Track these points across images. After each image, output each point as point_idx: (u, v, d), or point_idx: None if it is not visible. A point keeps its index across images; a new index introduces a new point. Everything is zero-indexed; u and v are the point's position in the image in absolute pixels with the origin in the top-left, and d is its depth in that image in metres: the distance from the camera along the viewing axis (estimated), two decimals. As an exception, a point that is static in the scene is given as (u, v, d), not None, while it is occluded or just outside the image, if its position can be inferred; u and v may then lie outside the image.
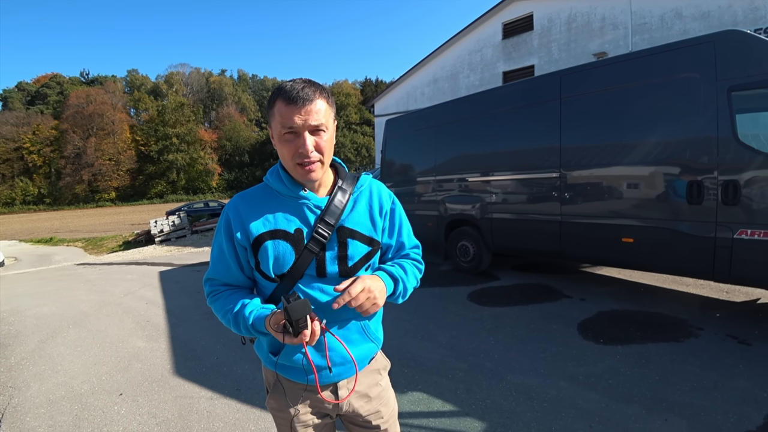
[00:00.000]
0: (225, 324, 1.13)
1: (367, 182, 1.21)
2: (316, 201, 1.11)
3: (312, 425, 1.18)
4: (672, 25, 10.56)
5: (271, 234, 1.08)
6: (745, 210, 3.35)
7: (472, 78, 15.58)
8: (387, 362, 1.32)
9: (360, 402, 1.20)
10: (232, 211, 1.12)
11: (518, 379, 2.98)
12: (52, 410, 2.96)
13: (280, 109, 1.01)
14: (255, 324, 1.05)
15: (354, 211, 1.15)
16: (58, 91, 69.00)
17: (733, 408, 2.48)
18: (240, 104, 75.80)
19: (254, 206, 1.12)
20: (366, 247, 1.15)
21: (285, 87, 1.02)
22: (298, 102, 0.99)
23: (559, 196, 4.68)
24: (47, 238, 26.39)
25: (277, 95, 1.03)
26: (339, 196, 1.13)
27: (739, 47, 3.42)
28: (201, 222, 19.00)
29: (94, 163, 58.91)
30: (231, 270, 1.15)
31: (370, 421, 1.22)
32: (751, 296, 4.43)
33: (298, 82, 1.03)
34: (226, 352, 3.82)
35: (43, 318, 5.50)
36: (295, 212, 1.10)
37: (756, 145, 3.32)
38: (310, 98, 1.00)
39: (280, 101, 1.01)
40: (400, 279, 1.17)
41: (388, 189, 1.29)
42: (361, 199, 1.18)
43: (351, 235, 1.12)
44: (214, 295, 1.17)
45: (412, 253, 1.29)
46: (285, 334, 0.97)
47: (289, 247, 1.08)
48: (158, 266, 9.84)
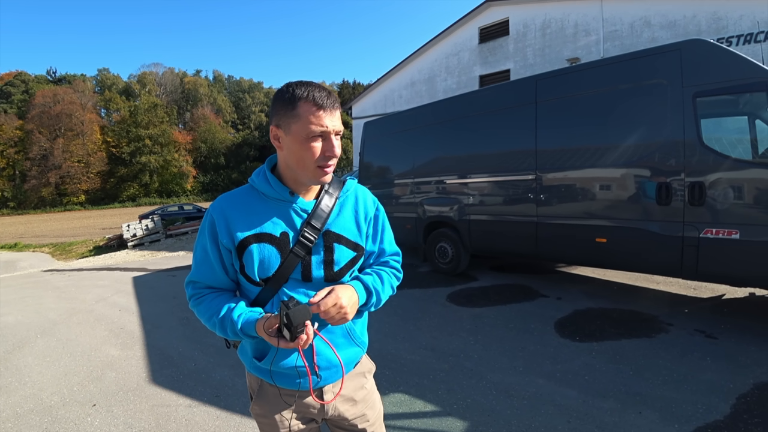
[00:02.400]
0: (209, 327, 1.11)
1: (353, 187, 1.21)
2: (303, 205, 1.11)
3: (298, 430, 1.17)
4: (641, 33, 10.98)
5: (256, 237, 1.07)
6: (710, 210, 3.51)
7: (449, 81, 15.79)
8: (372, 365, 1.32)
9: (346, 405, 1.20)
10: (216, 213, 1.10)
11: (498, 378, 3.03)
12: (20, 424, 2.83)
13: (309, 111, 1.00)
14: (244, 328, 1.04)
15: (340, 215, 1.15)
16: (23, 89, 66.05)
17: (701, 399, 2.59)
18: (216, 105, 74.18)
19: (239, 208, 1.10)
20: (351, 252, 1.15)
21: (313, 92, 1.01)
22: (327, 107, 1.01)
23: (535, 197, 4.79)
24: (11, 244, 25.24)
25: (301, 98, 1.01)
26: (326, 200, 1.12)
27: (703, 56, 3.58)
28: (176, 226, 18.55)
29: (62, 165, 56.52)
30: (215, 273, 1.13)
31: (356, 425, 1.22)
32: (717, 292, 4.64)
33: (315, 85, 1.04)
34: (204, 359, 3.74)
35: (8, 327, 5.26)
36: (282, 215, 1.10)
37: (719, 148, 3.49)
38: (335, 104, 1.04)
39: (309, 104, 1.00)
40: (375, 291, 1.16)
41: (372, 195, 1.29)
42: (347, 203, 1.18)
43: (337, 240, 1.12)
44: (197, 297, 1.15)
45: (391, 260, 1.29)
46: (280, 338, 0.96)
47: (275, 251, 1.07)
48: (132, 272, 9.56)
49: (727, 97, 3.49)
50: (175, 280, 7.89)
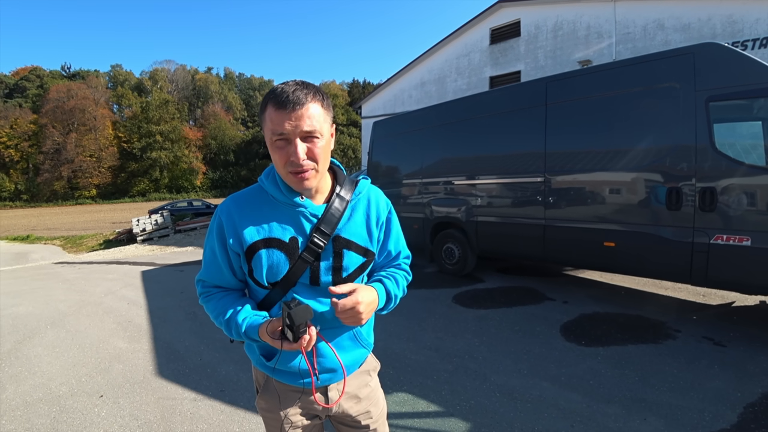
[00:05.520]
0: (217, 325, 1.12)
1: (365, 189, 1.18)
2: (313, 209, 1.08)
3: (301, 426, 1.18)
4: (654, 36, 10.84)
5: (265, 242, 1.05)
6: (721, 216, 3.47)
7: (459, 82, 15.72)
8: (377, 363, 1.32)
9: (350, 403, 1.20)
10: (224, 215, 1.08)
11: (502, 380, 3.02)
12: (29, 413, 2.88)
13: (270, 114, 0.96)
14: (248, 332, 1.04)
15: (351, 220, 1.12)
16: (38, 84, 67.14)
17: (708, 407, 2.56)
18: (226, 103, 74.74)
19: (248, 212, 1.08)
20: (361, 258, 1.13)
21: (276, 90, 0.97)
22: (287, 106, 0.93)
23: (543, 200, 4.76)
24: (24, 236, 25.67)
25: (267, 99, 0.98)
26: (336, 204, 1.09)
27: (717, 59, 3.54)
28: (184, 221, 18.73)
29: (75, 159, 57.36)
30: (223, 274, 1.12)
31: (360, 421, 1.22)
32: (727, 299, 4.57)
33: (290, 84, 0.97)
34: (210, 353, 3.78)
35: (19, 318, 5.35)
36: (291, 220, 1.07)
37: (732, 154, 3.44)
38: (302, 102, 0.94)
39: (271, 105, 0.96)
40: (394, 297, 1.15)
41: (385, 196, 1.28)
42: (359, 207, 1.15)
43: (347, 246, 1.10)
44: (206, 296, 1.16)
45: (403, 263, 1.28)
46: (283, 340, 0.96)
47: (283, 257, 1.05)
48: (140, 266, 9.67)
49: (740, 102, 3.44)
50: (183, 275, 7.97)
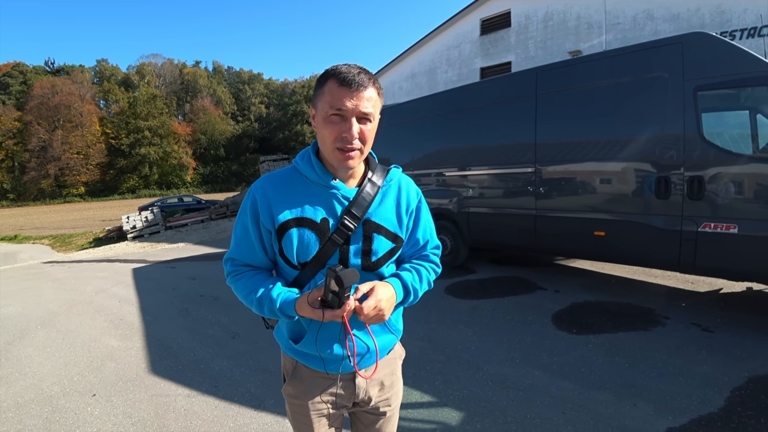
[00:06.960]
0: (246, 304, 1.12)
1: (396, 176, 1.20)
2: (345, 192, 1.09)
3: (326, 415, 1.19)
4: (644, 26, 10.88)
5: (297, 221, 1.07)
6: (709, 204, 3.51)
7: (450, 73, 15.68)
8: (403, 351, 1.34)
9: (375, 389, 1.21)
10: (259, 193, 1.10)
11: (495, 370, 3.05)
12: (21, 414, 2.86)
13: (332, 89, 0.98)
14: (282, 307, 1.04)
15: (381, 205, 1.13)
16: (21, 80, 65.68)
17: (696, 392, 2.61)
18: (215, 97, 73.70)
19: (282, 190, 1.10)
20: (390, 243, 1.14)
21: (341, 68, 0.99)
22: (352, 86, 0.97)
23: (534, 190, 4.78)
24: (11, 236, 25.23)
25: (330, 75, 1.00)
26: (368, 189, 1.10)
27: (705, 49, 3.56)
28: (175, 217, 18.53)
29: (61, 156, 56.31)
30: (255, 251, 1.13)
31: (378, 408, 1.24)
32: (714, 286, 4.65)
33: (354, 66, 1.01)
34: (203, 350, 3.77)
35: (8, 319, 5.29)
36: (323, 201, 1.09)
37: (720, 143, 3.48)
38: (365, 84, 0.99)
39: (333, 81, 0.99)
40: (413, 290, 1.15)
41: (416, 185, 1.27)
42: (390, 193, 1.16)
43: (377, 230, 1.11)
44: (235, 275, 1.16)
45: (431, 254, 1.28)
46: (325, 309, 0.96)
47: (314, 236, 1.06)
48: (131, 263, 9.58)
49: (728, 91, 3.47)
50: (175, 271, 7.92)
